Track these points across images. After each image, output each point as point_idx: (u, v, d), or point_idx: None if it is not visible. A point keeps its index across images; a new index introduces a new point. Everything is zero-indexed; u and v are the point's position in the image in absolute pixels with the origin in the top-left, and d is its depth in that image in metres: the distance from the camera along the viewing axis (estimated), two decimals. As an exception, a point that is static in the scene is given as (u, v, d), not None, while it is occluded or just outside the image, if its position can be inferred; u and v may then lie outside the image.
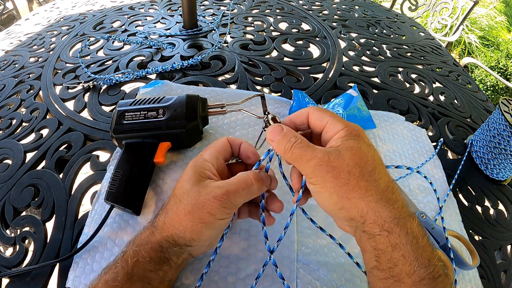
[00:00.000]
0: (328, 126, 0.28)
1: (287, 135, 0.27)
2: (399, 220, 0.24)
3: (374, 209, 0.24)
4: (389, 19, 1.00)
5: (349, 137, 0.26)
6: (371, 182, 0.24)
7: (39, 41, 0.79)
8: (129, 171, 0.40)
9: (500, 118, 0.50)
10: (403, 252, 0.23)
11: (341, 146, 0.26)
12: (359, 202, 0.24)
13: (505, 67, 2.21)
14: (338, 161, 0.25)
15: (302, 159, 0.26)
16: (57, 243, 0.39)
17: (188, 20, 0.76)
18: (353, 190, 0.24)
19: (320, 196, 0.26)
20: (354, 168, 0.24)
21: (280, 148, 0.27)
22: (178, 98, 0.44)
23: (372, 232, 0.24)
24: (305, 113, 0.29)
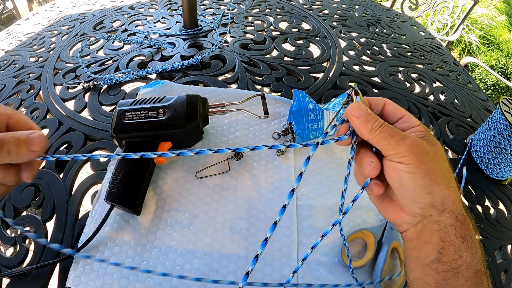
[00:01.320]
0: (407, 118, 0.28)
1: (372, 115, 0.27)
2: (466, 214, 0.25)
3: (453, 200, 0.25)
4: (389, 18, 1.00)
5: (429, 133, 0.27)
6: (451, 175, 0.26)
7: (39, 41, 0.79)
8: (130, 171, 0.40)
9: (501, 118, 0.50)
10: (469, 244, 0.24)
11: (427, 138, 0.26)
12: (445, 190, 0.25)
13: (505, 67, 2.21)
14: (430, 147, 0.25)
15: (395, 137, 0.25)
16: (57, 243, 0.39)
17: (188, 19, 0.76)
18: (443, 177, 0.25)
19: (411, 176, 0.25)
20: (441, 160, 0.26)
21: (367, 125, 0.26)
22: (178, 98, 0.44)
23: (446, 223, 0.25)
24: (382, 101, 0.30)
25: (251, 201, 0.43)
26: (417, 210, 0.26)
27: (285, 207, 0.27)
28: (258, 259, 0.27)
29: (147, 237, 0.39)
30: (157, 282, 0.36)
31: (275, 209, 0.42)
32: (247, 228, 0.40)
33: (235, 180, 0.45)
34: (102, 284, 0.35)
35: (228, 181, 0.45)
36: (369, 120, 0.26)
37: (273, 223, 0.26)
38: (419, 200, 0.25)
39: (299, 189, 0.45)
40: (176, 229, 0.40)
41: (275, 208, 0.43)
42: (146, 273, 0.36)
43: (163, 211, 0.41)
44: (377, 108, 0.29)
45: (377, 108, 0.29)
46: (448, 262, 0.24)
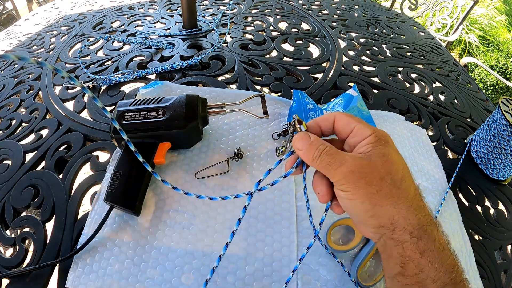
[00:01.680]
0: (356, 131, 0.27)
1: (314, 144, 0.27)
2: (427, 227, 0.24)
3: (405, 217, 0.24)
4: (389, 18, 1.00)
5: (379, 143, 0.26)
6: (402, 190, 0.25)
7: (38, 41, 0.79)
8: (129, 171, 0.40)
9: (500, 118, 0.50)
10: (431, 259, 0.24)
11: (372, 152, 0.25)
12: (391, 210, 0.24)
13: (505, 67, 2.21)
14: (370, 168, 0.25)
15: (332, 165, 0.25)
16: (57, 244, 0.39)
17: (188, 20, 0.76)
18: (386, 197, 0.24)
19: (351, 203, 0.26)
20: (386, 175, 0.25)
21: (308, 157, 0.27)
22: (177, 98, 0.44)
23: (401, 239, 0.25)
24: (331, 117, 0.29)
25: (250, 201, 0.43)
26: (370, 230, 0.26)
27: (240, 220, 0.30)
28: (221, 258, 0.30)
29: (147, 238, 0.39)
30: (157, 282, 0.36)
31: (275, 209, 0.42)
32: (247, 228, 0.40)
33: (235, 181, 0.45)
34: (101, 285, 0.35)
35: (228, 181, 0.45)
36: (310, 150, 0.26)
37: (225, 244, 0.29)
38: (366, 223, 0.26)
39: (298, 189, 0.45)
40: (176, 229, 0.40)
41: (275, 208, 0.43)
42: (145, 273, 0.36)
43: (162, 211, 0.41)
44: (327, 126, 0.29)
45: (328, 126, 0.29)
46: (410, 277, 0.24)
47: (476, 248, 0.44)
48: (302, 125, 0.29)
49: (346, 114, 0.29)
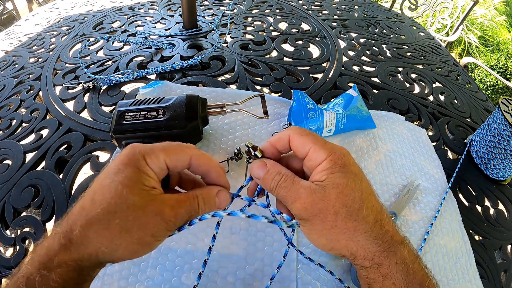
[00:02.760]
0: (311, 154, 0.26)
1: (271, 173, 0.26)
2: (388, 252, 0.24)
3: (364, 247, 0.24)
4: (389, 19, 1.00)
5: (334, 169, 0.25)
6: (359, 221, 0.24)
7: (39, 41, 0.79)
8: (129, 171, 0.40)
9: (500, 118, 0.50)
10: (394, 281, 0.24)
11: (326, 182, 0.24)
12: (348, 243, 0.24)
13: (505, 67, 2.21)
14: (323, 202, 0.24)
15: (287, 200, 0.25)
16: (57, 244, 0.39)
17: (188, 20, 0.76)
18: (341, 232, 0.24)
19: (309, 236, 0.26)
20: (341, 209, 0.24)
21: (266, 187, 0.27)
22: (178, 98, 0.44)
23: (363, 265, 0.25)
24: (286, 137, 0.27)
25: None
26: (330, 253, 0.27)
27: (215, 235, 0.29)
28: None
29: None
30: (157, 282, 0.36)
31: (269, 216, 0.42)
32: (246, 228, 0.40)
33: (235, 181, 0.45)
34: (101, 285, 0.35)
35: (228, 181, 0.45)
36: (266, 180, 0.26)
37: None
38: (325, 250, 0.26)
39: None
40: (176, 229, 0.40)
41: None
42: (145, 273, 0.36)
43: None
44: (284, 146, 0.28)
45: (284, 146, 0.28)
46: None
47: (476, 248, 0.44)
48: (257, 151, 0.28)
49: (301, 132, 0.27)
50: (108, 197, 0.23)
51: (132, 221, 0.22)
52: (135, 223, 0.22)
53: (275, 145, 0.28)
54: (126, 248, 0.23)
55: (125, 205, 0.23)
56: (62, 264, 0.22)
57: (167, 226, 0.24)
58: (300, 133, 0.27)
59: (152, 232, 0.23)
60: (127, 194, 0.23)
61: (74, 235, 0.22)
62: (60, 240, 0.22)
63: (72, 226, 0.23)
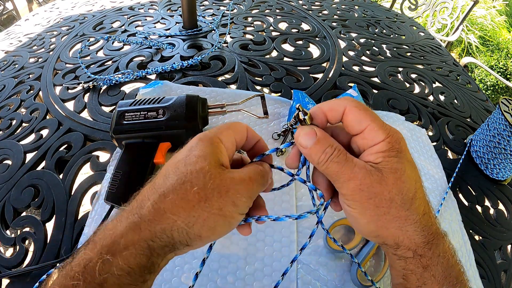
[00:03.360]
0: (367, 132, 0.23)
1: (322, 144, 0.23)
2: (432, 244, 0.24)
3: (410, 237, 0.23)
4: (389, 19, 1.00)
5: (391, 153, 0.23)
6: (411, 210, 0.23)
7: (39, 41, 0.79)
8: (129, 171, 0.40)
9: (500, 118, 0.50)
10: (434, 273, 0.23)
11: (383, 166, 0.23)
12: (396, 232, 0.23)
13: (505, 67, 2.21)
14: (380, 186, 0.22)
15: (340, 177, 0.23)
16: (57, 244, 0.39)
17: (188, 20, 0.76)
18: (393, 220, 0.23)
19: (356, 220, 0.24)
20: (397, 196, 0.23)
21: (314, 159, 0.24)
22: (178, 98, 0.44)
23: (404, 256, 0.24)
24: (341, 108, 0.24)
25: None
26: (373, 241, 0.26)
27: (204, 260, 0.28)
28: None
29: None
30: (157, 283, 0.36)
31: (275, 209, 0.42)
32: (247, 228, 0.40)
33: (235, 181, 0.45)
34: (101, 285, 0.35)
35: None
36: (315, 151, 0.23)
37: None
38: (368, 238, 0.25)
39: (298, 189, 0.45)
40: (176, 229, 0.40)
41: (275, 208, 0.43)
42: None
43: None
44: (335, 117, 0.25)
45: (336, 118, 0.25)
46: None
47: (476, 248, 0.44)
48: (307, 117, 0.25)
49: (358, 106, 0.24)
50: (183, 170, 0.21)
51: (211, 189, 0.21)
52: (215, 191, 0.21)
53: (326, 114, 0.25)
54: (206, 221, 0.21)
55: (202, 174, 0.21)
56: (130, 245, 0.20)
57: (247, 192, 0.23)
58: (358, 107, 0.24)
59: (233, 200, 0.21)
60: (204, 164, 0.21)
61: (146, 210, 0.20)
62: (128, 218, 0.20)
63: (142, 202, 0.21)
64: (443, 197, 0.47)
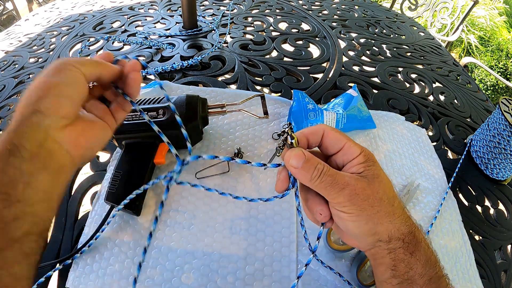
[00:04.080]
0: (346, 149, 0.27)
1: (312, 163, 0.26)
2: (414, 232, 0.27)
3: (399, 229, 0.27)
4: (389, 19, 1.00)
5: (369, 163, 0.27)
6: (395, 206, 0.27)
7: (39, 41, 0.79)
8: (129, 171, 0.40)
9: (500, 118, 0.50)
10: (418, 257, 0.27)
11: (366, 174, 0.26)
12: (389, 226, 0.26)
13: (505, 67, 2.21)
14: (370, 189, 0.26)
15: (334, 188, 0.25)
16: (57, 244, 0.39)
17: (188, 20, 0.76)
18: (385, 216, 0.26)
19: (354, 224, 0.26)
20: (383, 195, 0.26)
21: (306, 176, 0.26)
22: (178, 98, 0.44)
23: (394, 247, 0.27)
24: (320, 131, 0.28)
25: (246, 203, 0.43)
26: (365, 244, 0.28)
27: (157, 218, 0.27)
28: None
29: (147, 238, 0.39)
30: (157, 282, 0.36)
31: (275, 209, 0.42)
32: (247, 228, 0.40)
33: (235, 181, 0.45)
34: (101, 285, 0.35)
35: (228, 181, 0.45)
36: (307, 169, 0.26)
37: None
38: (365, 240, 0.27)
39: (298, 189, 0.45)
40: (176, 229, 0.40)
41: (275, 208, 0.43)
42: (145, 273, 0.36)
43: (162, 211, 0.41)
44: (315, 140, 0.29)
45: (316, 141, 0.29)
46: (401, 276, 0.27)
47: (476, 248, 0.44)
48: (294, 141, 0.27)
49: (334, 129, 0.29)
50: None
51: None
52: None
53: (308, 137, 0.28)
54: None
55: None
56: None
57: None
58: (335, 130, 0.28)
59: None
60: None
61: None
62: None
63: None
64: (443, 197, 0.47)
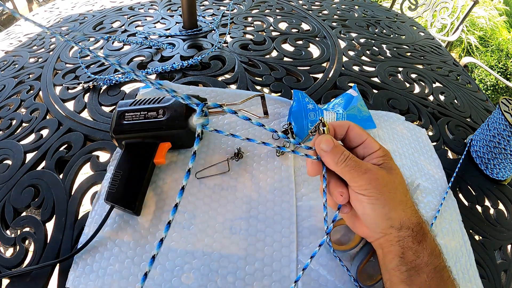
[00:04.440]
0: (368, 143, 0.31)
1: (339, 148, 0.30)
2: (422, 223, 0.30)
3: (409, 218, 0.29)
4: (389, 19, 1.00)
5: (387, 158, 0.30)
6: (407, 197, 0.30)
7: (39, 41, 0.79)
8: (129, 171, 0.40)
9: (500, 118, 0.50)
10: (425, 246, 0.29)
11: (384, 166, 0.30)
12: (401, 213, 0.29)
13: (505, 67, 2.21)
14: (389, 178, 0.29)
15: (357, 171, 0.29)
16: (57, 244, 0.39)
17: (188, 20, 0.76)
18: (399, 203, 0.29)
19: (372, 206, 0.29)
20: (399, 185, 0.30)
21: (334, 159, 0.29)
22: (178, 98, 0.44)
23: (404, 235, 0.29)
24: (346, 125, 0.32)
25: (250, 201, 0.43)
26: (378, 230, 0.30)
27: (176, 205, 0.26)
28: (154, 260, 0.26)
29: (147, 238, 0.39)
30: (157, 283, 0.36)
31: (275, 209, 0.42)
32: (247, 228, 0.40)
33: (235, 181, 0.45)
34: (102, 285, 0.35)
35: (228, 181, 0.45)
36: (335, 153, 0.29)
37: (167, 223, 0.26)
38: (379, 224, 0.29)
39: (298, 189, 0.45)
40: (176, 229, 0.40)
41: (275, 208, 0.43)
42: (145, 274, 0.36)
43: (162, 211, 0.41)
44: (341, 133, 0.32)
45: (341, 133, 0.32)
46: (408, 263, 0.28)
47: (476, 248, 0.44)
48: (326, 128, 0.31)
49: (358, 126, 0.32)
50: None
51: None
52: None
53: (335, 129, 0.32)
54: None
55: None
56: None
57: None
58: (358, 126, 0.32)
59: None
60: None
61: None
62: None
63: None
64: (443, 197, 0.47)
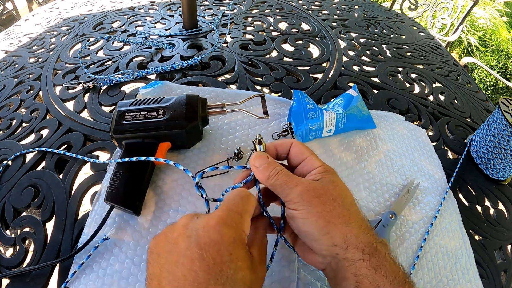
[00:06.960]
0: (307, 161, 0.30)
1: (272, 164, 0.29)
2: (377, 244, 0.26)
3: (356, 235, 0.26)
4: (389, 19, 1.00)
5: (328, 173, 0.29)
6: (352, 212, 0.27)
7: (39, 41, 0.79)
8: (129, 171, 0.40)
9: (500, 118, 0.50)
10: (384, 273, 0.25)
11: (322, 180, 0.28)
12: (344, 228, 0.26)
13: (505, 67, 2.21)
14: (323, 189, 0.27)
15: (288, 185, 0.27)
16: (57, 244, 0.39)
17: (188, 20, 0.76)
18: (338, 216, 0.26)
19: (305, 221, 0.27)
20: (338, 198, 0.27)
21: (264, 175, 0.29)
22: (178, 98, 0.44)
23: (353, 258, 0.26)
24: (288, 144, 0.31)
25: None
26: (323, 251, 0.27)
27: None
28: None
29: (147, 238, 0.39)
30: (157, 282, 0.36)
31: (274, 209, 0.42)
32: (247, 228, 0.40)
33: (235, 181, 0.45)
34: (101, 285, 0.35)
35: (228, 181, 0.45)
36: (267, 168, 0.29)
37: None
38: (319, 242, 0.27)
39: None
40: (176, 229, 0.40)
41: (274, 208, 0.42)
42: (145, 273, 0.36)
43: (162, 211, 0.41)
44: (283, 151, 0.32)
45: (284, 151, 0.32)
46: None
47: (476, 248, 0.44)
48: (262, 146, 0.31)
49: (302, 143, 0.31)
50: None
51: None
52: None
53: (277, 148, 0.32)
54: None
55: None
56: None
57: None
58: (301, 144, 0.31)
59: None
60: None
61: None
62: None
63: None
64: (443, 197, 0.47)
